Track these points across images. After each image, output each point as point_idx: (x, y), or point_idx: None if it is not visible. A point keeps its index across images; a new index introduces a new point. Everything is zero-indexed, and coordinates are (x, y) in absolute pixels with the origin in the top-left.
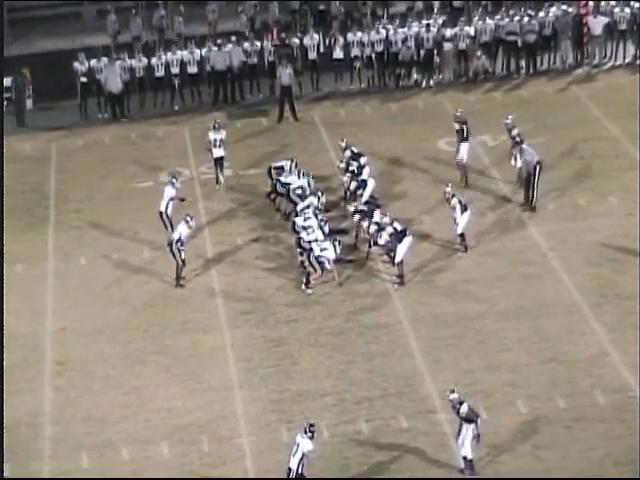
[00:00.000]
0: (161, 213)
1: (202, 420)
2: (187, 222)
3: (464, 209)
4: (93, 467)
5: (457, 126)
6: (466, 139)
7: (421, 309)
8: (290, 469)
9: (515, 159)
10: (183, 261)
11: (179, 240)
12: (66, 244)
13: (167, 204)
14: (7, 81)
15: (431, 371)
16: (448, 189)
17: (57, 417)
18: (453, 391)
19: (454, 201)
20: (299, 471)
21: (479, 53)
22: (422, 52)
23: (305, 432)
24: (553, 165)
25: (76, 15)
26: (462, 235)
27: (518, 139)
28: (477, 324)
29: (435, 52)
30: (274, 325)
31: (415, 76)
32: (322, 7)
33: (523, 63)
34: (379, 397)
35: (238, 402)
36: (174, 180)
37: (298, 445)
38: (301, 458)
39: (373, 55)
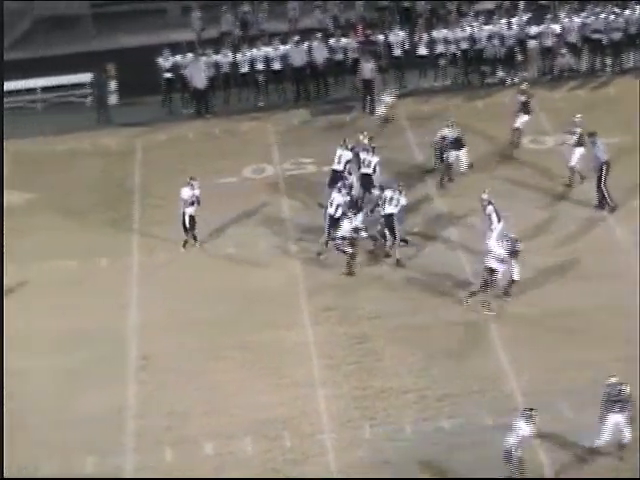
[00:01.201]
0: (191, 218)
1: (285, 416)
2: (349, 218)
3: (499, 219)
4: (176, 462)
5: (523, 98)
6: (528, 112)
7: (504, 307)
8: (509, 451)
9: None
10: (351, 255)
11: (343, 237)
12: (150, 239)
13: (187, 208)
14: (86, 77)
15: (514, 369)
16: (485, 196)
17: (140, 411)
18: (614, 376)
19: (489, 209)
20: (517, 453)
21: (564, 51)
22: (506, 49)
23: (526, 418)
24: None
25: (161, 11)
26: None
27: (575, 140)
28: (560, 322)
29: (519, 49)
30: (356, 321)
31: (500, 73)
32: (407, 4)
33: (608, 61)
34: (461, 394)
35: (321, 398)
36: (192, 183)
37: (518, 429)
38: (520, 441)
39: (458, 52)
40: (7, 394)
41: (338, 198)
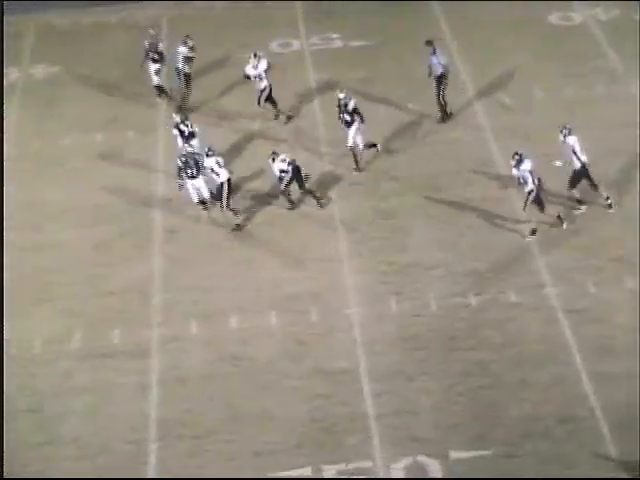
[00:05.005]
0: None
1: (312, 291)
2: None
3: None
4: (201, 334)
5: None
6: None
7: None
8: None
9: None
10: None
11: None
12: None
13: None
14: None
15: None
16: None
17: (166, 285)
18: None
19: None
20: None
21: None
22: None
23: None
24: None
25: None
26: None
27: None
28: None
29: None
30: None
31: None
32: None
33: None
34: (489, 270)
35: (347, 273)
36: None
37: None
38: None
39: None
40: (44, 266)
41: None
